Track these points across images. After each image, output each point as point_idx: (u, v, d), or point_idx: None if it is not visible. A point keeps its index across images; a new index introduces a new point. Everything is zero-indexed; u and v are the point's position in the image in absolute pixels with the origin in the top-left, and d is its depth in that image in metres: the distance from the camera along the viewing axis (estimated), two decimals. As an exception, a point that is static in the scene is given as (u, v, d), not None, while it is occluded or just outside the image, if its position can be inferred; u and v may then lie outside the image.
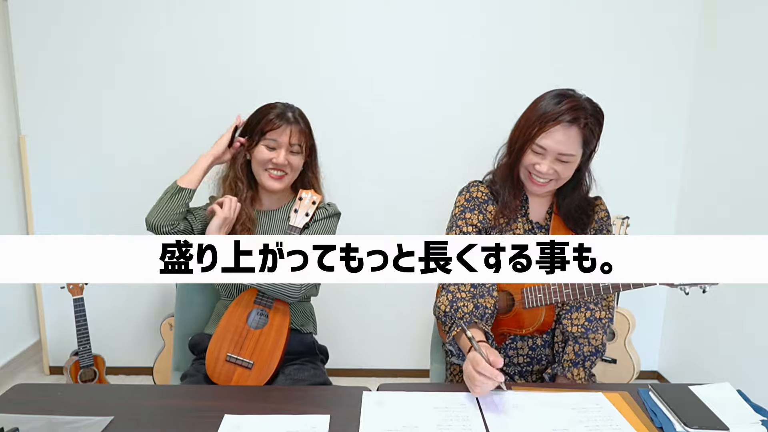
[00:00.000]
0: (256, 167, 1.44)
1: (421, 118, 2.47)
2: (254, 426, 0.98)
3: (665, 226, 2.57)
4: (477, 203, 1.37)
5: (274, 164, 1.41)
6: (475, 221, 1.35)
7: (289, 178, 1.45)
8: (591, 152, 1.31)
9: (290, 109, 1.44)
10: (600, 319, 1.34)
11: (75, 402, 1.07)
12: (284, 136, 1.40)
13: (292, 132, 1.40)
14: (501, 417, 1.01)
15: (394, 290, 2.62)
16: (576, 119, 1.22)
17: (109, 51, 2.39)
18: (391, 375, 2.70)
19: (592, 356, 1.32)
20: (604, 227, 1.40)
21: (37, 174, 2.49)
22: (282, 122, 1.40)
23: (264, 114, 1.42)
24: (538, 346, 1.36)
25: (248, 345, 1.35)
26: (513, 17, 2.39)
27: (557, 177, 1.28)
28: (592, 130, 1.26)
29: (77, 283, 2.24)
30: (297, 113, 1.45)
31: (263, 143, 1.40)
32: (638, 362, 2.42)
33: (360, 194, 2.51)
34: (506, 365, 1.37)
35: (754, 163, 2.05)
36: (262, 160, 1.41)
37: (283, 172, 1.43)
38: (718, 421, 0.98)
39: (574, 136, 1.24)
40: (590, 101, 1.27)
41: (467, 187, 1.41)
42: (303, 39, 2.40)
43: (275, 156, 1.40)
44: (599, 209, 1.40)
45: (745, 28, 2.13)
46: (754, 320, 2.03)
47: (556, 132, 1.23)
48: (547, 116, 1.23)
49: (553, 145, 1.24)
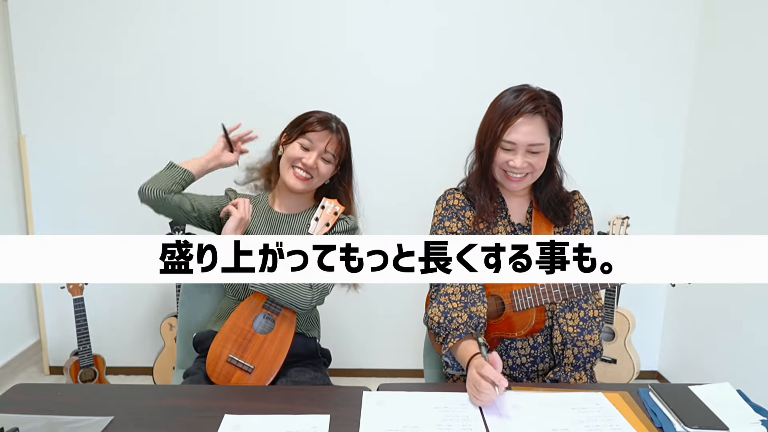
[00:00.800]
0: (285, 163, 1.44)
1: (420, 114, 2.47)
2: (254, 426, 0.98)
3: (665, 226, 2.57)
4: (454, 211, 1.37)
5: (303, 164, 1.41)
6: (454, 229, 1.35)
7: (313, 183, 1.45)
8: (558, 140, 1.33)
9: (335, 120, 1.47)
10: (594, 317, 1.34)
11: (75, 402, 1.07)
12: (321, 142, 1.41)
13: (330, 140, 1.42)
14: (501, 417, 1.01)
15: (394, 290, 2.61)
16: (537, 108, 1.25)
17: (109, 51, 2.39)
18: (391, 375, 2.70)
19: (592, 357, 1.32)
20: (585, 222, 1.40)
21: (37, 174, 2.49)
22: (323, 128, 1.41)
23: (309, 115, 1.44)
24: (540, 344, 1.36)
25: (251, 349, 1.34)
26: (513, 17, 2.39)
27: (532, 170, 1.29)
28: (554, 116, 1.28)
29: (77, 283, 2.24)
30: (341, 125, 1.47)
31: (299, 141, 1.42)
32: (638, 362, 2.42)
33: (367, 200, 2.51)
34: (510, 367, 1.36)
35: (754, 163, 2.05)
36: (293, 157, 1.42)
37: (309, 176, 1.43)
38: (718, 421, 0.98)
39: (539, 124, 1.26)
40: (546, 91, 1.30)
41: (443, 196, 1.41)
42: (303, 38, 2.40)
43: (306, 157, 1.41)
44: (579, 203, 1.41)
45: (745, 28, 2.13)
46: (754, 320, 2.03)
47: (521, 124, 1.25)
48: (509, 111, 1.25)
49: (521, 137, 1.25)
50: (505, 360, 1.36)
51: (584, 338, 1.31)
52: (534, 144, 1.26)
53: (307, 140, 1.41)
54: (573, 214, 1.39)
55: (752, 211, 2.06)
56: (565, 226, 1.37)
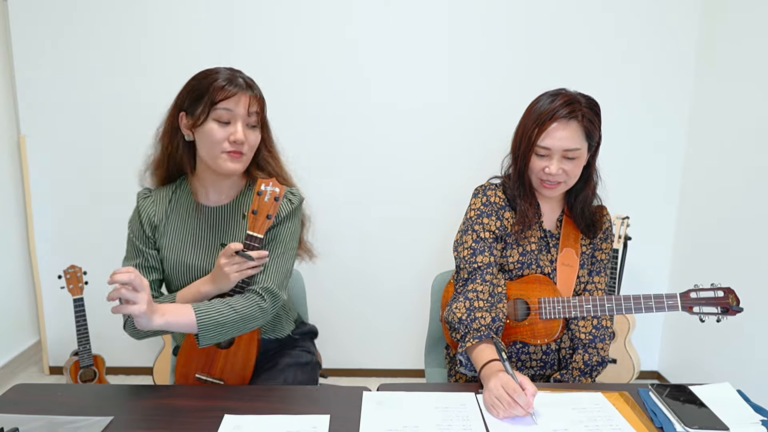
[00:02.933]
0: (208, 150, 1.16)
1: (426, 121, 2.46)
2: (254, 426, 0.98)
3: (665, 226, 2.57)
4: (495, 209, 1.33)
5: (234, 142, 1.14)
6: (492, 227, 1.32)
7: (247, 158, 1.19)
8: (596, 145, 1.31)
9: (238, 73, 1.18)
10: (607, 327, 1.35)
11: (75, 402, 1.07)
12: (240, 106, 1.14)
13: (249, 99, 1.15)
14: (501, 417, 1.01)
15: (394, 290, 2.62)
16: (572, 112, 1.22)
17: (110, 51, 2.39)
18: (391, 375, 2.70)
19: (599, 366, 1.32)
20: (609, 237, 1.42)
21: (37, 174, 2.49)
22: (236, 88, 1.13)
23: (208, 78, 1.14)
24: (552, 351, 1.36)
25: (217, 364, 1.24)
26: (513, 17, 2.39)
27: (566, 177, 1.26)
28: (591, 121, 1.25)
29: (77, 283, 2.25)
30: (247, 77, 1.19)
31: (213, 117, 1.13)
32: (638, 362, 2.42)
33: (363, 195, 2.51)
34: (518, 368, 1.36)
35: (755, 163, 2.05)
36: (217, 140, 1.13)
37: (241, 152, 1.16)
38: (718, 421, 0.98)
39: (574, 129, 1.23)
40: (583, 95, 1.27)
41: (483, 191, 1.37)
42: (306, 42, 2.39)
43: (232, 132, 1.14)
44: (606, 219, 1.42)
45: (745, 28, 2.13)
46: (754, 320, 2.03)
47: (556, 130, 1.23)
48: (544, 116, 1.23)
49: (556, 143, 1.23)
50: (514, 362, 1.35)
51: (596, 345, 1.31)
52: (569, 149, 1.23)
53: (224, 110, 1.13)
54: (600, 229, 1.39)
55: (752, 211, 2.05)
56: (592, 239, 1.38)
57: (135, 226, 1.27)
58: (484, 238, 1.31)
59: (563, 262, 1.33)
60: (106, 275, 1.89)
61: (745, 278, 2.07)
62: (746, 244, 2.08)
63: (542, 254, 1.34)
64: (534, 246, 1.33)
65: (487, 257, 1.29)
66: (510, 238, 1.33)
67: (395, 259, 2.58)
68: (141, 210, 1.26)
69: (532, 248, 1.33)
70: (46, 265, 2.55)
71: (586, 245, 1.38)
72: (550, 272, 1.33)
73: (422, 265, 2.57)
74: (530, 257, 1.32)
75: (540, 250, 1.34)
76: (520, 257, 1.32)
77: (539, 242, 1.34)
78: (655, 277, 2.61)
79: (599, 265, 1.40)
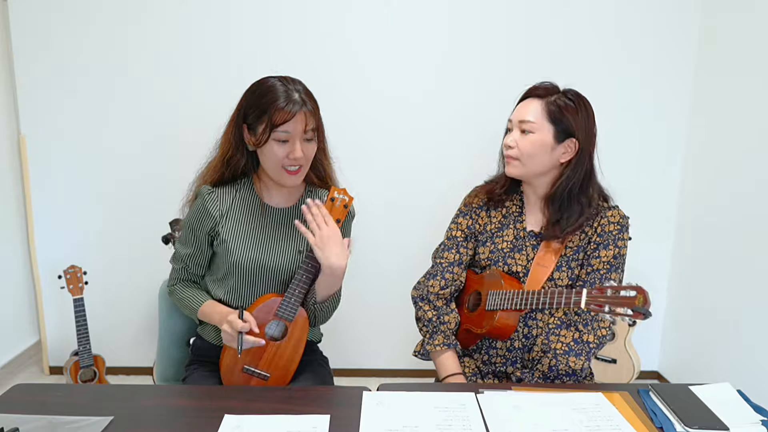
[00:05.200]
0: (270, 166, 1.25)
1: (423, 116, 2.47)
2: (254, 426, 0.98)
3: (665, 226, 2.57)
4: (471, 209, 1.45)
5: (293, 160, 1.22)
6: (463, 226, 1.44)
7: (304, 170, 1.28)
8: (581, 143, 1.28)
9: (294, 89, 1.21)
10: (587, 342, 1.29)
11: (75, 402, 1.07)
12: (298, 125, 1.19)
13: (305, 117, 1.19)
14: (501, 417, 1.01)
15: (394, 290, 2.61)
16: (538, 94, 1.30)
17: (110, 51, 2.39)
18: (391, 375, 2.69)
19: (566, 376, 1.29)
20: (610, 242, 1.30)
21: (37, 174, 2.49)
22: (294, 107, 1.17)
23: (270, 99, 1.19)
24: (515, 349, 1.36)
25: (266, 356, 1.27)
26: (513, 16, 2.39)
27: (520, 152, 1.29)
28: (561, 107, 1.27)
29: (77, 283, 2.25)
30: (302, 91, 1.22)
31: (273, 139, 1.20)
32: (638, 362, 2.42)
33: (364, 191, 2.50)
34: (483, 362, 1.40)
35: (755, 163, 2.05)
36: (279, 158, 1.21)
37: (300, 165, 1.24)
38: (718, 421, 0.98)
39: (536, 106, 1.29)
40: (570, 89, 1.32)
41: (469, 193, 1.48)
42: (306, 41, 2.40)
43: (290, 151, 1.20)
44: (608, 221, 1.31)
45: (745, 27, 2.13)
46: (753, 320, 2.03)
47: (520, 106, 1.33)
48: (520, 99, 1.35)
49: (515, 115, 1.32)
50: (481, 355, 1.41)
51: (567, 358, 1.28)
52: (524, 121, 1.29)
53: (282, 132, 1.18)
54: (592, 228, 1.31)
55: (752, 210, 2.05)
56: (560, 235, 1.29)
57: (201, 215, 1.31)
58: (454, 236, 1.44)
59: (539, 262, 1.33)
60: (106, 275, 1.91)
61: (745, 278, 2.08)
62: (746, 244, 2.08)
63: (515, 253, 1.36)
64: (506, 245, 1.37)
65: (453, 254, 1.42)
66: (483, 236, 1.41)
67: (395, 259, 2.58)
68: (207, 203, 1.30)
69: (503, 246, 1.37)
70: (46, 265, 2.55)
71: (572, 248, 1.32)
72: (519, 270, 1.34)
73: (422, 265, 2.56)
74: (498, 255, 1.37)
75: (513, 249, 1.36)
76: (489, 254, 1.39)
77: (515, 241, 1.37)
78: (656, 277, 2.61)
79: (594, 275, 1.30)
